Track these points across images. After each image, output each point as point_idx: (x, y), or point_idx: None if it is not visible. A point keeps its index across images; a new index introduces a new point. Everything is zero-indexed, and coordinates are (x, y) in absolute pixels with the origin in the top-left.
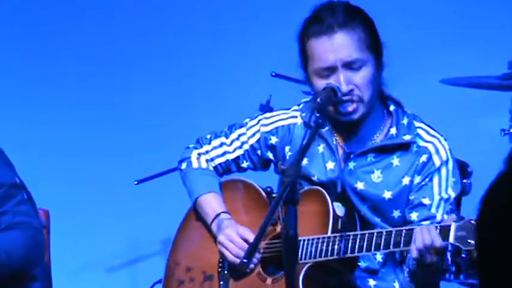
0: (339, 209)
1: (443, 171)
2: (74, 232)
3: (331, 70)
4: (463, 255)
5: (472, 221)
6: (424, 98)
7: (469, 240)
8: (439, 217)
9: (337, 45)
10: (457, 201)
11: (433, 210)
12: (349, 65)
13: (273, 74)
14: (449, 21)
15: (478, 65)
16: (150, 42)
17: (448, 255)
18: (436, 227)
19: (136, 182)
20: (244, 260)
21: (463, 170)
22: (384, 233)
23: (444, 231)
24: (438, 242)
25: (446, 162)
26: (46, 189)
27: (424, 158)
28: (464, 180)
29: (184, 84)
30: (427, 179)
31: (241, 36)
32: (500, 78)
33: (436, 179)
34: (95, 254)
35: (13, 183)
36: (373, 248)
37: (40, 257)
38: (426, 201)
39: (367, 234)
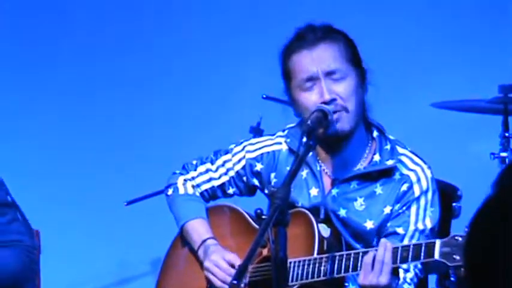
0: (324, 230)
1: (422, 201)
2: (64, 252)
3: (313, 81)
4: (452, 279)
5: (457, 237)
6: (415, 122)
7: (454, 256)
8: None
9: (318, 56)
10: (435, 232)
11: (405, 241)
12: (330, 75)
13: (264, 96)
14: (440, 45)
15: (469, 89)
16: (140, 65)
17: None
18: (421, 244)
19: (126, 203)
20: (234, 282)
21: (452, 193)
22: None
23: (429, 248)
24: (388, 260)
25: (426, 191)
26: (36, 209)
27: (405, 186)
28: (454, 204)
29: (175, 105)
30: (404, 207)
31: (232, 58)
32: (490, 102)
33: (414, 208)
34: (84, 274)
35: (4, 201)
36: (359, 267)
37: (30, 276)
38: (400, 230)
39: (352, 254)
